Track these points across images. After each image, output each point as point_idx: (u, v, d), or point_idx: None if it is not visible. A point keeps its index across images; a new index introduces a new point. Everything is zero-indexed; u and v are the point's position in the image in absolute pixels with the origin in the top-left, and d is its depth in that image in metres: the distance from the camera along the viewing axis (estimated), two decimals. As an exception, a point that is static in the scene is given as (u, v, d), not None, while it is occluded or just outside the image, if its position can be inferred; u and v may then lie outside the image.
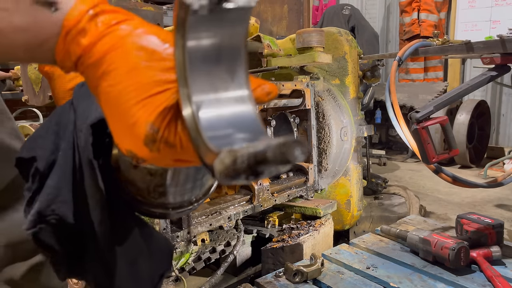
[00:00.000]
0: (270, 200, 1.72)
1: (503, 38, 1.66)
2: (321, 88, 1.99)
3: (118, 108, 0.42)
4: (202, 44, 0.39)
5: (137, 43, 0.42)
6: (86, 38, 0.42)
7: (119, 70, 0.41)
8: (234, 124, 0.40)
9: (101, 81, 0.42)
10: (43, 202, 0.56)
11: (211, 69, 0.40)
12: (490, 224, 1.62)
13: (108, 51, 0.41)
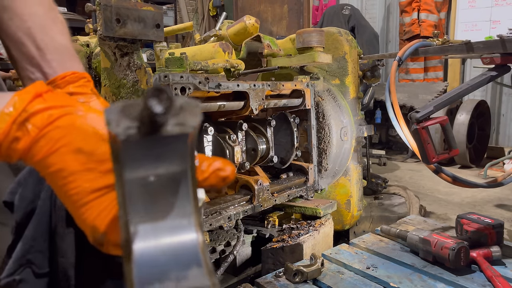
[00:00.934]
0: (270, 200, 1.72)
1: (503, 38, 1.65)
2: (321, 88, 1.99)
3: (68, 205, 0.43)
4: (140, 173, 0.38)
5: (74, 145, 0.42)
6: (21, 144, 0.42)
7: (61, 173, 0.42)
8: (169, 255, 0.39)
9: (50, 178, 0.43)
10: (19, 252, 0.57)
11: (153, 197, 0.39)
12: (490, 224, 1.62)
13: (47, 154, 0.42)
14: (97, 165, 0.42)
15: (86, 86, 0.65)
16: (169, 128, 0.35)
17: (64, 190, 0.43)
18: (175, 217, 0.40)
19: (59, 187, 0.43)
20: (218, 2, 7.05)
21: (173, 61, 1.47)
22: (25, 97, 0.42)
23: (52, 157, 0.42)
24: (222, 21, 2.15)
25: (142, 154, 0.37)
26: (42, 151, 0.42)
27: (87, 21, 1.99)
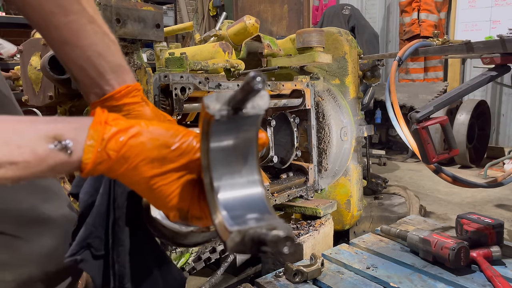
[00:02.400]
0: (270, 200, 1.72)
1: (503, 38, 1.65)
2: (321, 88, 1.99)
3: (152, 200, 0.56)
4: (222, 143, 0.51)
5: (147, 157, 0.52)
6: (103, 166, 0.51)
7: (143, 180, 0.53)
8: (245, 204, 0.51)
9: (133, 186, 0.55)
10: (81, 236, 0.69)
11: (229, 160, 0.52)
12: (490, 224, 1.62)
13: (127, 170, 0.52)
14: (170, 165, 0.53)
15: (137, 96, 0.77)
16: (248, 110, 0.48)
17: (148, 191, 0.54)
18: (246, 175, 0.53)
19: (142, 190, 0.55)
20: (218, 2, 7.05)
21: (173, 61, 1.47)
22: (98, 128, 0.51)
23: (132, 171, 0.52)
24: (222, 21, 2.15)
25: (226, 129, 0.50)
26: (123, 168, 0.52)
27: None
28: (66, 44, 0.70)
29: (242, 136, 0.51)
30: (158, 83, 1.31)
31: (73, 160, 0.49)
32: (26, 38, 1.69)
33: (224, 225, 0.48)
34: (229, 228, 0.47)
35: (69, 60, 0.72)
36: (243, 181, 0.52)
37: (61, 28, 0.69)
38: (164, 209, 0.56)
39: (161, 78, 1.32)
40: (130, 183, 0.54)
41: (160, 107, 1.32)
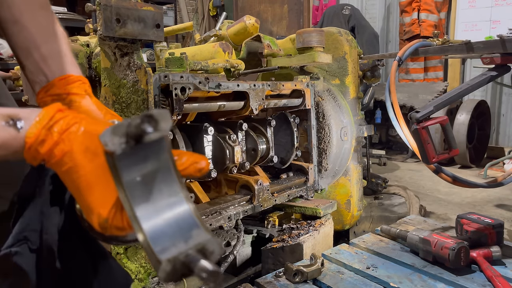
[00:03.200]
0: (270, 200, 1.72)
1: (503, 38, 1.65)
2: (321, 88, 1.99)
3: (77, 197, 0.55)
4: (134, 174, 0.49)
5: (83, 145, 0.54)
6: (45, 147, 0.54)
7: (73, 169, 0.54)
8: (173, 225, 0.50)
9: (65, 176, 0.55)
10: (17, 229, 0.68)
11: (147, 188, 0.50)
12: (490, 224, 1.62)
13: (63, 155, 0.54)
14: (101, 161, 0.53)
15: (80, 88, 0.77)
16: (150, 136, 0.46)
17: (76, 184, 0.54)
18: (168, 197, 0.51)
19: (71, 182, 0.54)
20: (218, 2, 7.05)
21: (173, 61, 1.47)
22: (50, 110, 0.55)
23: (67, 156, 0.53)
24: (222, 21, 2.15)
25: (133, 159, 0.48)
26: (60, 152, 0.53)
27: (87, 21, 1.99)
28: (16, 23, 0.73)
29: (153, 161, 0.50)
30: (158, 83, 1.31)
31: (21, 135, 0.53)
32: (26, 38, 1.69)
33: (154, 256, 0.47)
34: (159, 257, 0.47)
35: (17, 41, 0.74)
36: (167, 203, 0.51)
37: (14, 7, 0.72)
38: (86, 211, 0.54)
39: (161, 78, 1.32)
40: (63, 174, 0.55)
41: (160, 107, 1.32)
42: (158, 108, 1.30)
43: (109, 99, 1.38)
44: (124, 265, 1.41)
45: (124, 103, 1.34)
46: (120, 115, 1.36)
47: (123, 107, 1.35)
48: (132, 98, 1.32)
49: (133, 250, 1.39)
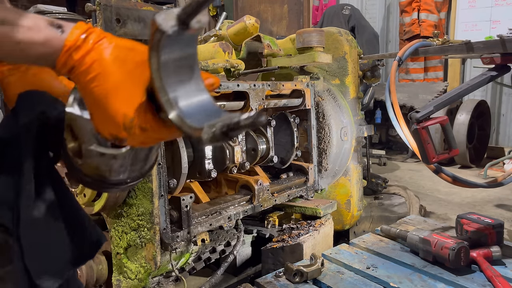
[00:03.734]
0: (270, 200, 1.72)
1: (503, 38, 1.65)
2: (321, 88, 1.99)
3: (102, 102, 0.57)
4: (172, 56, 0.55)
5: (112, 55, 0.58)
6: (78, 54, 0.58)
7: (101, 74, 0.57)
8: (201, 107, 0.56)
9: (89, 83, 0.57)
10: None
11: (179, 72, 0.56)
12: (490, 224, 1.62)
13: (93, 62, 0.57)
14: (129, 69, 0.58)
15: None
16: (193, 25, 0.53)
17: (101, 90, 0.57)
18: (195, 85, 0.57)
19: (95, 89, 0.57)
20: (218, 2, 7.05)
21: (173, 61, 1.47)
22: (84, 25, 0.59)
23: (96, 63, 0.57)
24: (222, 21, 2.15)
25: (175, 43, 0.54)
26: (90, 60, 0.57)
27: (87, 21, 1.99)
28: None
29: (186, 50, 0.56)
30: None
31: (62, 37, 0.58)
32: (26, 38, 1.69)
33: (193, 126, 0.53)
34: (199, 125, 0.52)
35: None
36: (194, 90, 0.57)
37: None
38: (108, 113, 0.57)
39: (161, 78, 1.31)
40: (88, 82, 0.57)
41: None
42: None
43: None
44: (124, 265, 1.41)
45: (124, 103, 1.34)
46: (120, 115, 1.36)
47: (123, 107, 1.35)
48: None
49: (133, 250, 1.39)
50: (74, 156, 0.67)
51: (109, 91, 0.56)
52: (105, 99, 0.56)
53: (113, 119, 0.57)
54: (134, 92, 0.57)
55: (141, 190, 1.34)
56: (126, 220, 1.39)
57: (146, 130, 0.57)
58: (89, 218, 0.80)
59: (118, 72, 0.57)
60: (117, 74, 0.57)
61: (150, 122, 0.57)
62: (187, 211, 1.40)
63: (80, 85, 0.59)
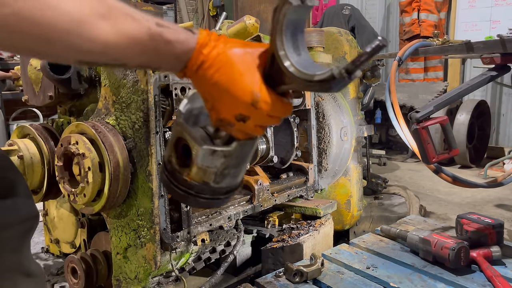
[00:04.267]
0: (270, 200, 1.72)
1: (503, 38, 1.65)
2: (321, 88, 1.99)
3: (230, 87, 0.66)
4: (293, 26, 0.66)
5: (231, 48, 0.68)
6: (206, 49, 0.67)
7: (227, 64, 0.67)
8: (312, 66, 0.67)
9: (216, 73, 0.67)
10: None
11: (296, 41, 0.67)
12: (490, 224, 1.62)
13: (218, 55, 0.67)
14: (247, 59, 0.68)
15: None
16: (308, 2, 0.64)
17: (228, 75, 0.67)
18: (304, 49, 0.69)
19: (223, 75, 0.67)
20: (218, 2, 7.04)
21: (173, 61, 1.47)
22: (204, 30, 0.69)
23: (221, 55, 0.67)
24: (222, 21, 2.15)
25: (294, 16, 0.65)
26: (216, 53, 0.67)
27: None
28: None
29: (302, 22, 0.68)
30: (158, 83, 1.31)
31: (195, 37, 0.68)
32: (26, 38, 1.69)
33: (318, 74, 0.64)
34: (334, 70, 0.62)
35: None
36: (304, 53, 0.69)
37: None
38: (234, 94, 0.67)
39: (161, 78, 1.32)
40: (215, 73, 0.67)
41: (160, 107, 1.32)
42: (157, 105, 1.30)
43: (109, 99, 1.38)
44: (124, 265, 1.41)
45: (124, 103, 1.34)
46: (120, 115, 1.36)
47: (123, 107, 1.35)
48: (132, 98, 1.32)
49: (133, 250, 1.39)
50: (181, 167, 0.74)
51: (235, 77, 0.66)
52: (232, 84, 0.66)
53: (242, 98, 0.66)
54: (255, 75, 0.67)
55: (141, 190, 1.34)
56: (126, 220, 1.39)
57: (268, 103, 0.66)
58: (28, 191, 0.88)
59: (239, 61, 0.67)
60: (239, 62, 0.67)
61: (272, 96, 0.67)
62: (187, 211, 1.40)
63: (206, 79, 0.68)
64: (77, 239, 1.67)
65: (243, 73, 0.67)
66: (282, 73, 0.66)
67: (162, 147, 1.33)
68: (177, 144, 0.75)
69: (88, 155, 1.28)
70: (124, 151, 1.33)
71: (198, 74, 0.68)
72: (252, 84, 0.66)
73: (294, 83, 0.66)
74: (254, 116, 0.67)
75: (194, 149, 0.71)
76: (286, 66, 0.65)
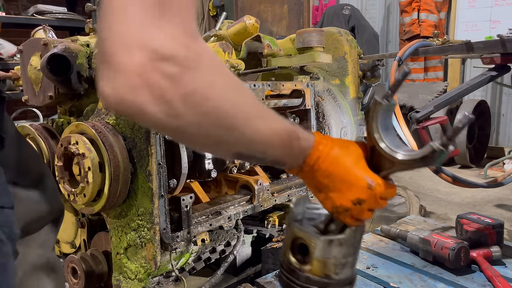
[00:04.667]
0: (270, 200, 1.72)
1: (503, 38, 1.65)
2: (321, 88, 1.99)
3: (346, 176, 0.75)
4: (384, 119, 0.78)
5: (339, 145, 0.78)
6: (321, 146, 0.77)
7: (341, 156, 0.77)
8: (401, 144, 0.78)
9: (331, 166, 0.76)
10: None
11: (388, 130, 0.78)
12: (490, 224, 1.62)
13: (331, 149, 0.77)
14: (350, 151, 0.78)
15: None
16: (392, 101, 0.78)
17: (343, 167, 0.76)
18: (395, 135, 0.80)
19: (336, 167, 0.76)
20: (218, 2, 7.04)
21: (173, 61, 1.47)
22: (317, 133, 0.80)
23: (333, 150, 0.77)
24: (222, 21, 2.15)
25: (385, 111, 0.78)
26: (328, 149, 0.76)
27: (87, 21, 1.99)
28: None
29: (390, 114, 0.80)
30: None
31: (312, 137, 0.77)
32: (26, 38, 1.69)
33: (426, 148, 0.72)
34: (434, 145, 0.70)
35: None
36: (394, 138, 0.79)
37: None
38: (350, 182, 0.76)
39: (161, 78, 1.31)
40: (330, 166, 0.76)
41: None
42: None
43: (109, 99, 1.38)
44: (124, 265, 1.41)
45: (124, 103, 1.34)
46: (120, 115, 1.36)
47: (123, 107, 1.35)
48: (132, 98, 1.31)
49: (133, 250, 1.39)
50: (301, 265, 0.80)
51: (348, 167, 0.76)
52: (347, 173, 0.76)
53: (358, 184, 0.75)
54: (364, 164, 0.77)
55: (141, 190, 1.34)
56: (126, 220, 1.39)
57: (381, 186, 0.75)
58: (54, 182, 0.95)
59: (348, 154, 0.77)
60: (348, 155, 0.77)
61: (379, 179, 0.76)
62: (187, 211, 1.40)
63: (321, 172, 0.76)
64: (77, 239, 1.67)
65: (354, 164, 0.77)
66: (382, 160, 0.77)
67: (162, 147, 1.33)
68: (293, 244, 0.81)
69: (88, 155, 1.28)
70: (124, 151, 1.33)
71: (313, 168, 0.76)
72: (364, 172, 0.76)
73: (395, 167, 0.77)
74: (369, 199, 0.75)
75: (312, 243, 0.78)
76: (393, 156, 0.76)
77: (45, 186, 0.85)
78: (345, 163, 0.76)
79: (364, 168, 0.77)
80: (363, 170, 0.76)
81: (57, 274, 0.89)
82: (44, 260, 0.86)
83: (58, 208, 0.88)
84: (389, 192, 0.77)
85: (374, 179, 0.75)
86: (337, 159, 0.76)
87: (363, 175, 0.75)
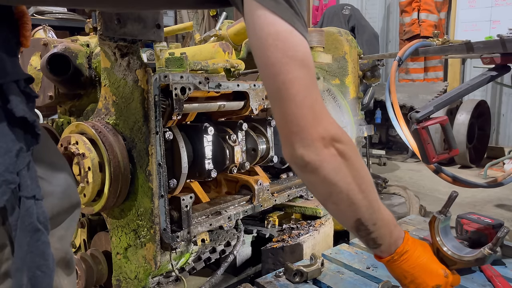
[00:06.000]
0: (270, 200, 1.72)
1: (503, 38, 1.65)
2: (321, 88, 1.99)
3: (427, 266, 1.02)
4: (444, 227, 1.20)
5: (417, 246, 1.05)
6: (409, 242, 1.04)
7: (421, 251, 1.04)
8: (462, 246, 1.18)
9: (415, 258, 1.02)
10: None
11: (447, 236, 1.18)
12: (490, 224, 1.62)
13: (415, 247, 1.04)
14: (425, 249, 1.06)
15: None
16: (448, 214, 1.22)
17: (424, 259, 1.03)
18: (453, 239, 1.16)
19: (419, 258, 1.02)
20: (218, 2, 7.04)
21: (173, 61, 1.47)
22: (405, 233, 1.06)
23: (411, 248, 1.03)
24: (222, 21, 2.15)
25: (444, 223, 1.20)
26: (408, 247, 1.02)
27: (87, 21, 1.99)
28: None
29: (448, 225, 1.10)
30: (158, 83, 1.31)
31: (402, 232, 1.06)
32: (26, 38, 1.69)
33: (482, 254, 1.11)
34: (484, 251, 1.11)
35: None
36: (454, 242, 1.12)
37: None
38: (434, 272, 1.02)
39: (161, 78, 1.32)
40: (414, 258, 1.01)
41: (160, 107, 1.32)
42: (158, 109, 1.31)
43: (109, 99, 1.38)
44: (124, 265, 1.41)
45: (124, 103, 1.34)
46: (120, 115, 1.36)
47: (123, 107, 1.35)
48: (132, 98, 1.32)
49: (133, 250, 1.39)
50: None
51: (429, 261, 1.03)
52: (430, 265, 1.02)
53: (439, 273, 1.02)
54: (436, 259, 1.06)
55: (141, 190, 1.34)
56: (126, 220, 1.39)
57: (451, 275, 1.04)
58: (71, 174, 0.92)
59: (427, 252, 1.05)
60: (427, 253, 1.04)
61: (449, 271, 1.04)
62: (187, 211, 1.40)
63: (410, 262, 1.00)
64: (77, 239, 1.67)
65: (432, 260, 1.04)
66: (445, 258, 1.10)
67: (162, 147, 1.33)
68: None
69: (88, 155, 1.28)
70: (124, 151, 1.33)
71: (402, 258, 0.99)
72: (439, 265, 1.04)
73: (455, 265, 1.09)
74: (445, 285, 1.01)
75: None
76: (456, 258, 1.08)
77: (66, 181, 0.86)
78: (427, 258, 1.02)
79: (438, 263, 1.04)
80: (438, 264, 1.03)
81: (72, 270, 0.89)
82: (62, 255, 0.86)
83: (76, 202, 0.89)
84: (455, 279, 1.06)
85: (447, 271, 1.03)
86: (421, 255, 1.01)
87: (440, 267, 1.03)
